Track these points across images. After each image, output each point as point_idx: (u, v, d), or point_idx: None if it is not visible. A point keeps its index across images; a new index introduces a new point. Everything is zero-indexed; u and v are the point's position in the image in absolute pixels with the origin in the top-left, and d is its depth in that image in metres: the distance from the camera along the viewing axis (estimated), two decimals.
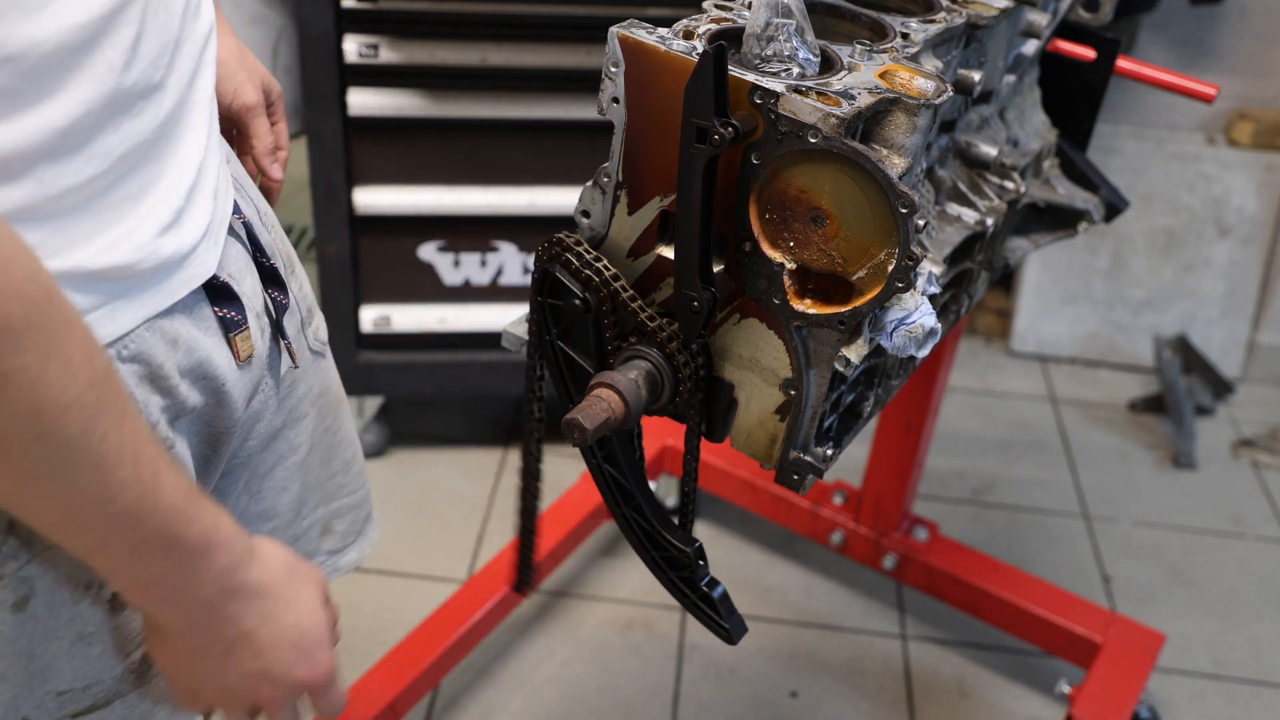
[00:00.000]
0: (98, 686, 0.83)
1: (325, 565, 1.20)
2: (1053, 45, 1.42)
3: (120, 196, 0.75)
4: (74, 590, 0.80)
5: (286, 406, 1.04)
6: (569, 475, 2.31)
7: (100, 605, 0.82)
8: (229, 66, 1.12)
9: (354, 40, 2.04)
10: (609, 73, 0.94)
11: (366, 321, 2.27)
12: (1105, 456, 2.65)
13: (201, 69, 0.84)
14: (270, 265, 0.97)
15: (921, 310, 0.95)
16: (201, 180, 0.84)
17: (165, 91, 0.78)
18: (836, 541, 2.08)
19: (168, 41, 0.77)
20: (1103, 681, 1.79)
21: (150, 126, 0.77)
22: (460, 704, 1.92)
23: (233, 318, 0.88)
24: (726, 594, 1.08)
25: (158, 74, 0.77)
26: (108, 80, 0.71)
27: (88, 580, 0.80)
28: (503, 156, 2.18)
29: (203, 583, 0.75)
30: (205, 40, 0.85)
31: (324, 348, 1.13)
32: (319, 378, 1.11)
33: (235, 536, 0.76)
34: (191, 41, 0.82)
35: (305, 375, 1.07)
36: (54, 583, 0.78)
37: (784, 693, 2.00)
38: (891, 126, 0.93)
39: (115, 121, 0.73)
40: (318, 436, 1.11)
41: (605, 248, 1.01)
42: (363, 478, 1.23)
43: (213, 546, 0.74)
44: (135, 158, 0.76)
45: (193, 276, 0.83)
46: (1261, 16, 2.73)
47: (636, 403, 0.95)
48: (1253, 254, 2.85)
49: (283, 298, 0.98)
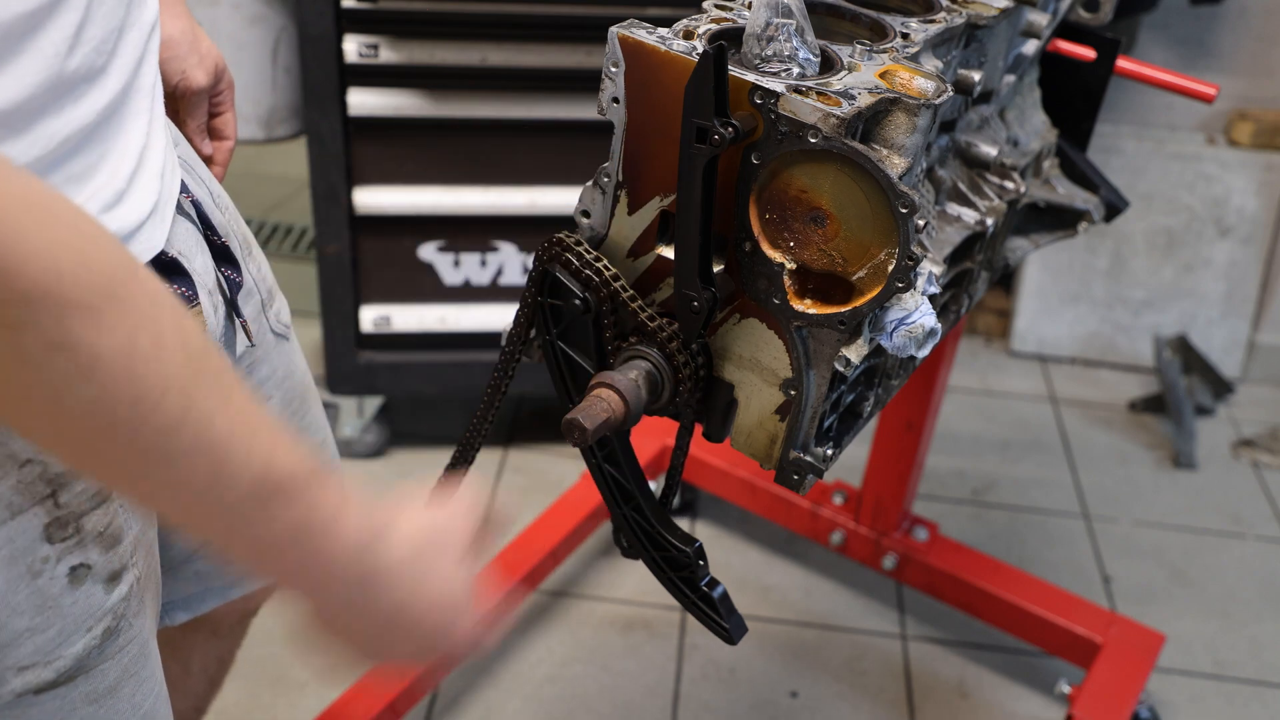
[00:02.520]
0: (59, 661, 0.83)
1: None
2: (1053, 45, 1.42)
3: (63, 178, 0.76)
4: (31, 564, 0.80)
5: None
6: (569, 475, 2.31)
7: (59, 579, 0.82)
8: (179, 47, 1.12)
9: (354, 40, 2.04)
10: (609, 73, 0.94)
11: (366, 321, 2.27)
12: (1105, 456, 2.65)
13: (146, 56, 0.85)
14: (222, 243, 0.99)
15: (921, 310, 0.95)
16: (144, 163, 0.85)
17: (109, 77, 0.79)
18: (836, 541, 2.08)
19: (112, 28, 0.78)
20: (1103, 682, 1.79)
21: (93, 111, 0.77)
22: (460, 704, 1.92)
23: (183, 293, 0.89)
24: (726, 594, 1.08)
25: (101, 59, 0.77)
26: (52, 64, 0.72)
27: (45, 554, 0.80)
28: (503, 156, 2.18)
29: (338, 567, 0.72)
30: (150, 28, 0.86)
31: (287, 330, 1.14)
32: (282, 360, 1.12)
33: (365, 516, 0.73)
34: (136, 29, 0.83)
35: (268, 358, 1.09)
36: (9, 557, 0.79)
37: (784, 693, 2.00)
38: (891, 126, 0.93)
39: (58, 105, 0.74)
40: (284, 421, 1.12)
41: (605, 248, 1.01)
42: (334, 463, 1.24)
43: (341, 530, 0.71)
44: (78, 140, 0.77)
45: (140, 252, 0.84)
46: (1261, 16, 2.73)
47: (636, 403, 0.95)
48: (1253, 254, 2.85)
49: (236, 276, 1.00)
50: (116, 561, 0.86)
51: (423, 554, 0.77)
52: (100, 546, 0.84)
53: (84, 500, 0.82)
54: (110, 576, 0.85)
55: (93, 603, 0.84)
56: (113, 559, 0.85)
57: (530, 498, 2.29)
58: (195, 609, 1.18)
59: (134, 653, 0.89)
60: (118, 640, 0.87)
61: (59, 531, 0.81)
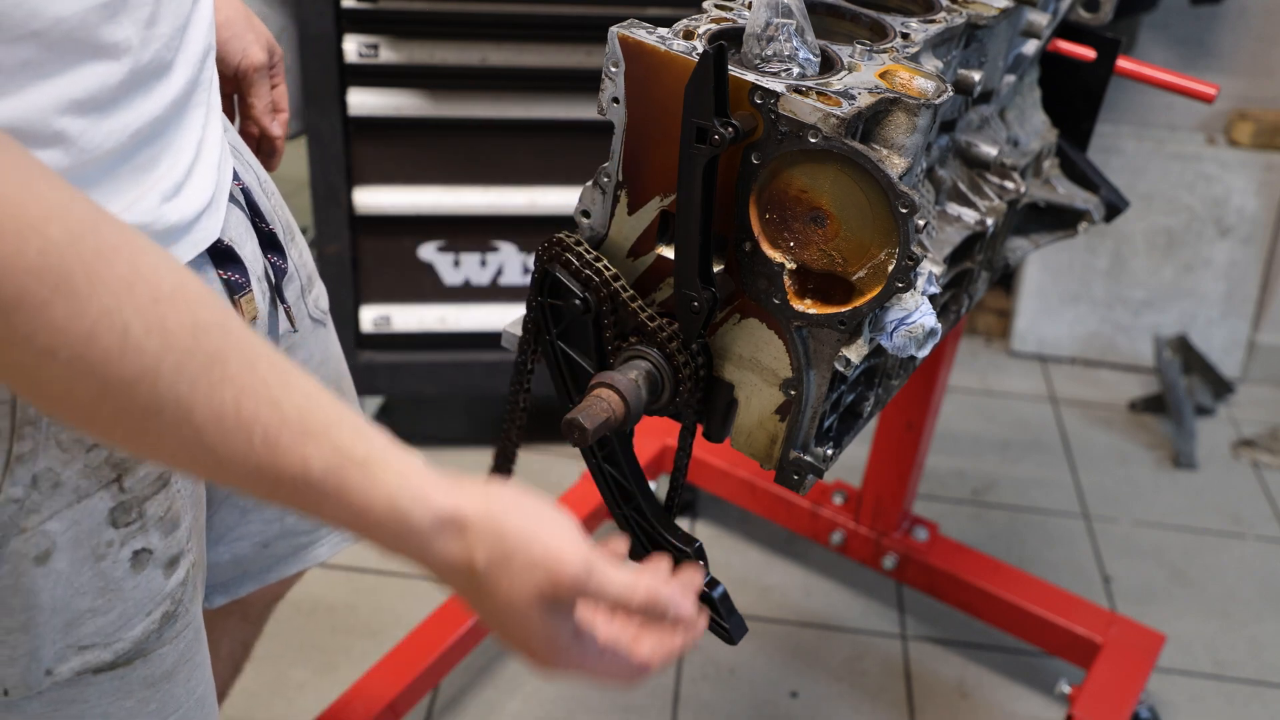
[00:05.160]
0: (119, 643, 0.85)
1: (333, 535, 1.22)
2: (1053, 45, 1.42)
3: (130, 169, 0.78)
4: (96, 547, 0.81)
5: None
6: (569, 475, 2.31)
7: (122, 563, 0.83)
8: (237, 26, 1.13)
9: (354, 40, 2.04)
10: (609, 73, 0.94)
11: (366, 321, 2.27)
12: (1105, 456, 2.65)
13: (206, 50, 0.87)
14: (269, 230, 1.00)
15: (921, 310, 0.95)
16: (202, 154, 0.86)
17: (175, 71, 0.81)
18: (836, 541, 2.08)
19: (179, 25, 0.80)
20: (1103, 682, 1.79)
21: (161, 104, 0.79)
22: (460, 704, 1.92)
23: (237, 280, 0.91)
24: (726, 594, 1.08)
25: (170, 54, 0.79)
26: (125, 58, 0.74)
27: (110, 538, 0.82)
28: (503, 156, 2.18)
29: (407, 555, 0.68)
30: (209, 25, 0.88)
31: (325, 316, 1.15)
32: (319, 346, 1.13)
33: (404, 511, 0.67)
34: (196, 25, 0.84)
35: (305, 342, 1.10)
36: (75, 539, 0.80)
37: (784, 693, 2.00)
38: (892, 126, 0.93)
39: (129, 98, 0.76)
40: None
41: (605, 248, 1.01)
42: None
43: (377, 523, 0.67)
44: (147, 133, 0.78)
45: (198, 241, 0.85)
46: (1261, 16, 2.73)
47: (636, 403, 0.95)
48: (1253, 254, 2.85)
49: (281, 262, 1.01)
50: (175, 546, 0.87)
51: (490, 567, 0.69)
52: (161, 531, 0.85)
53: (147, 485, 0.83)
54: (170, 561, 0.87)
55: (153, 587, 0.85)
56: (172, 544, 0.86)
57: None
58: (233, 592, 1.19)
59: (190, 638, 0.91)
60: (175, 625, 0.88)
61: (123, 516, 0.82)
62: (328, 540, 1.22)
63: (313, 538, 1.20)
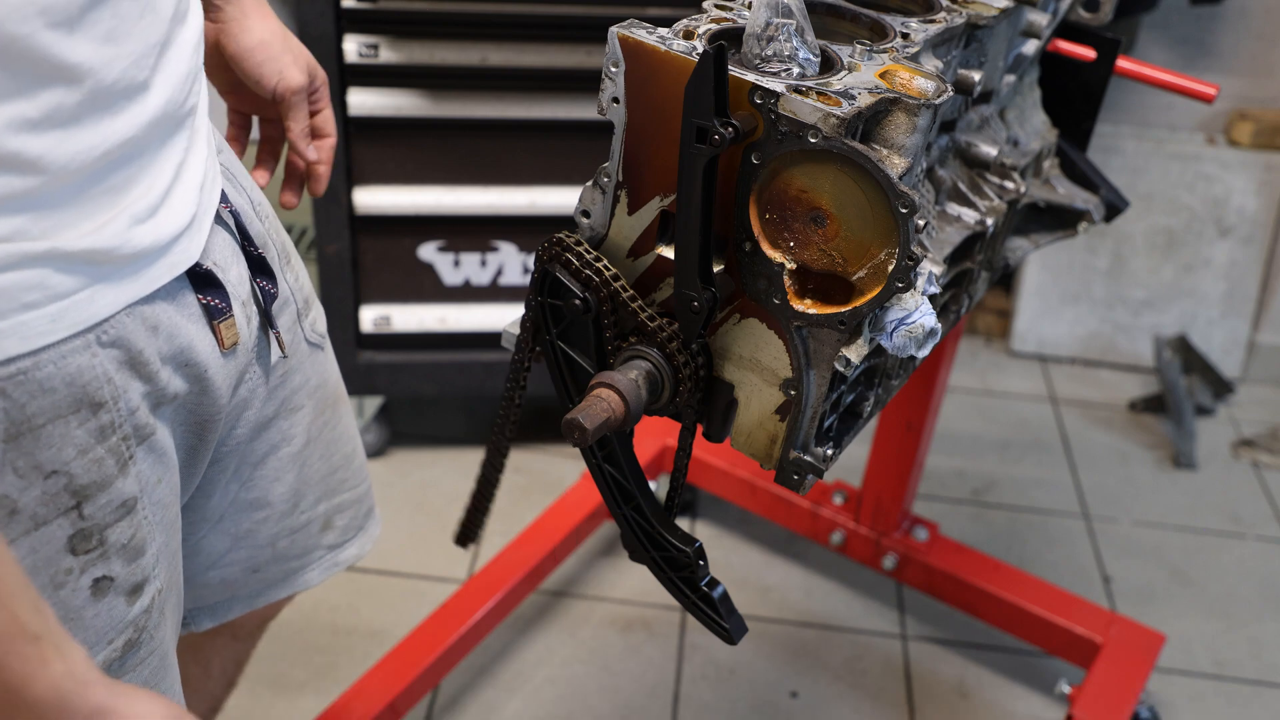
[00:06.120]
0: None
1: (325, 560, 1.21)
2: (1053, 45, 1.42)
3: (103, 189, 0.77)
4: (55, 575, 0.80)
5: (279, 397, 1.05)
6: (569, 475, 2.31)
7: (82, 591, 0.82)
8: (272, 48, 1.10)
9: (354, 40, 2.04)
10: (609, 73, 0.94)
11: (366, 321, 2.27)
12: (1105, 456, 2.65)
13: (190, 72, 0.85)
14: (258, 254, 0.98)
15: (921, 310, 0.95)
16: (181, 176, 0.85)
17: (150, 93, 0.79)
18: (836, 541, 2.08)
19: (152, 44, 0.78)
20: (1103, 682, 1.79)
21: (134, 126, 0.77)
22: (460, 704, 1.92)
23: (216, 305, 0.89)
24: (726, 594, 1.08)
25: (142, 74, 0.77)
26: (87, 79, 0.72)
27: (68, 566, 0.81)
28: (503, 156, 2.18)
29: None
30: (194, 46, 0.86)
31: (322, 340, 1.14)
32: (316, 370, 1.11)
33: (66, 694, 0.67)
34: (178, 46, 0.82)
35: (300, 367, 1.08)
36: (33, 567, 0.79)
37: (784, 693, 2.00)
38: (892, 126, 0.93)
39: (94, 119, 0.74)
40: (316, 430, 1.11)
41: (605, 248, 1.01)
42: (364, 473, 1.24)
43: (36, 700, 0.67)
44: (119, 155, 0.77)
45: (175, 264, 0.84)
46: (1261, 16, 2.73)
47: (636, 403, 0.95)
48: (1253, 254, 2.85)
49: (272, 287, 0.99)
50: (139, 574, 0.86)
51: None
52: (123, 559, 0.84)
53: (108, 513, 0.82)
54: (132, 589, 0.85)
55: (114, 615, 0.84)
56: (135, 571, 0.85)
57: (530, 498, 2.30)
58: (220, 616, 1.18)
59: (154, 665, 0.90)
60: (138, 653, 0.87)
61: (83, 543, 0.81)
62: (319, 564, 1.20)
63: (304, 562, 1.19)
